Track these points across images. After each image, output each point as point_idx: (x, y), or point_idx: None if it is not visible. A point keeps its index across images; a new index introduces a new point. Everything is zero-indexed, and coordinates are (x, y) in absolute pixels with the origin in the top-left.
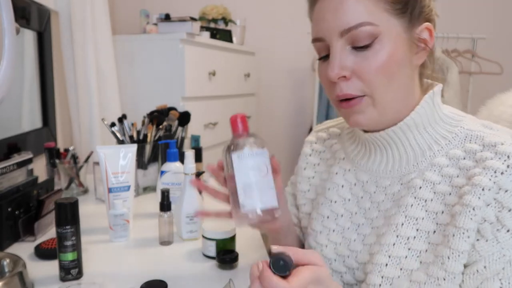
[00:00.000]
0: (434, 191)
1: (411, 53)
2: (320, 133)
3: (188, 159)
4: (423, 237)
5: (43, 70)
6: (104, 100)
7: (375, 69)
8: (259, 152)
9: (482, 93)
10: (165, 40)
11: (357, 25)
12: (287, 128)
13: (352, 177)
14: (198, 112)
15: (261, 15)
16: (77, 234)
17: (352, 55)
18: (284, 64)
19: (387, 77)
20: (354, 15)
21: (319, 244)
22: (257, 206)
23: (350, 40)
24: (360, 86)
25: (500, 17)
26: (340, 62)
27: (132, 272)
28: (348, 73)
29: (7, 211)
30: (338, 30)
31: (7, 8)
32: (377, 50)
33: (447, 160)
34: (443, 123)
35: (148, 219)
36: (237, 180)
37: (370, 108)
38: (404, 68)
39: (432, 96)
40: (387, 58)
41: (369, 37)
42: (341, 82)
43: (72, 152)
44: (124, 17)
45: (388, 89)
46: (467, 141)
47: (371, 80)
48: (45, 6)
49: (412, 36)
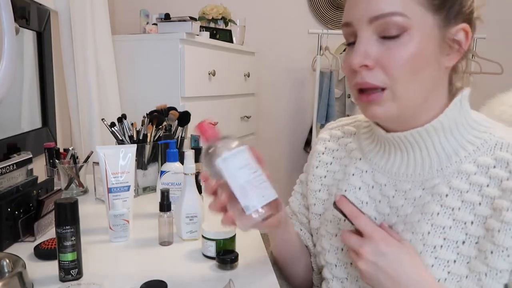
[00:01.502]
0: (462, 200)
1: (441, 53)
2: (334, 131)
3: (188, 159)
4: (451, 247)
5: (43, 70)
6: (104, 100)
7: (399, 62)
8: (240, 149)
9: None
10: (165, 40)
11: (389, 14)
12: (287, 128)
13: (369, 179)
14: (198, 112)
15: (261, 15)
16: (77, 234)
17: (378, 44)
18: (284, 64)
19: (410, 72)
20: (387, 2)
21: (328, 263)
22: (259, 204)
23: (378, 28)
24: (382, 77)
25: (500, 17)
26: (365, 50)
27: (132, 272)
28: (371, 62)
29: (7, 211)
30: (368, 17)
31: (7, 8)
32: (405, 43)
33: (475, 168)
34: (471, 128)
35: (148, 219)
36: (231, 184)
37: (389, 102)
38: (430, 67)
39: (461, 100)
40: (413, 52)
41: (398, 28)
42: (363, 71)
43: (72, 152)
44: (124, 17)
45: (410, 85)
46: (497, 148)
47: (394, 73)
48: (44, 6)
49: (445, 36)
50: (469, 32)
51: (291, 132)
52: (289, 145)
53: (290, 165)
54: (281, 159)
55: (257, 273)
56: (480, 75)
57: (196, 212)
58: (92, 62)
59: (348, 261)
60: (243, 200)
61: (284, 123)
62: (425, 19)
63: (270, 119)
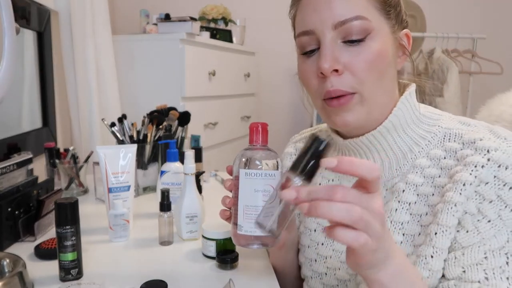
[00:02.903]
0: (417, 193)
1: (395, 55)
2: (298, 144)
3: (188, 159)
4: (409, 241)
5: (43, 70)
6: (104, 100)
7: (367, 65)
8: (270, 173)
9: (482, 93)
10: (165, 40)
11: (353, 18)
12: (287, 128)
13: None
14: (198, 112)
15: (261, 15)
16: (77, 234)
17: (344, 49)
18: (284, 64)
19: (377, 74)
20: (349, 8)
21: (308, 259)
22: (254, 233)
23: (342, 33)
24: (351, 82)
25: (500, 17)
26: (333, 55)
27: (132, 272)
28: (340, 67)
29: (7, 211)
30: (331, 22)
31: (7, 8)
32: (370, 46)
33: (428, 161)
34: (421, 123)
35: (148, 219)
36: (240, 197)
37: (358, 107)
38: (390, 68)
39: (408, 97)
40: (378, 54)
41: (362, 32)
42: (333, 77)
43: (72, 152)
44: (124, 17)
45: (377, 87)
46: (446, 140)
47: (363, 76)
48: (45, 6)
49: (396, 40)
50: (410, 38)
51: (291, 132)
52: None
53: None
54: None
55: (257, 273)
56: (480, 75)
57: (196, 212)
58: (92, 62)
59: (327, 255)
60: (239, 218)
61: (284, 123)
62: (382, 22)
63: (270, 119)
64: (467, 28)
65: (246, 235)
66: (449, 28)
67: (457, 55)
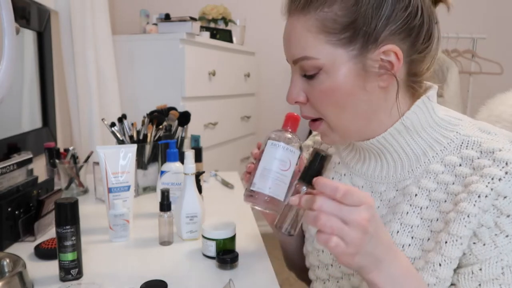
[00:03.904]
0: (429, 199)
1: (364, 81)
2: (317, 137)
3: (188, 159)
4: (417, 245)
5: (43, 70)
6: (104, 100)
7: (320, 99)
8: (292, 149)
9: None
10: (165, 40)
11: (299, 59)
12: None
13: (347, 181)
14: (198, 112)
15: (261, 15)
16: (77, 234)
17: (304, 82)
18: (284, 64)
19: (334, 107)
20: (297, 49)
21: (315, 249)
22: (266, 191)
23: (300, 69)
24: (313, 110)
25: (500, 17)
26: (295, 88)
27: (132, 272)
28: (303, 98)
29: (7, 211)
30: (290, 59)
31: (7, 8)
32: (321, 81)
33: (443, 167)
34: (438, 127)
35: (148, 219)
36: (261, 162)
37: (329, 131)
38: (354, 97)
39: (425, 100)
40: (331, 89)
41: (313, 69)
42: (301, 105)
43: (72, 152)
44: (124, 17)
45: (339, 117)
46: (464, 147)
47: (319, 108)
48: (45, 6)
49: (366, 64)
50: (397, 52)
51: None
52: None
53: None
54: None
55: (257, 273)
56: (480, 75)
57: (196, 212)
58: (92, 62)
59: (328, 262)
60: (256, 178)
61: None
62: (336, 55)
63: (270, 119)
64: (467, 28)
65: (256, 191)
66: (449, 28)
67: (457, 55)
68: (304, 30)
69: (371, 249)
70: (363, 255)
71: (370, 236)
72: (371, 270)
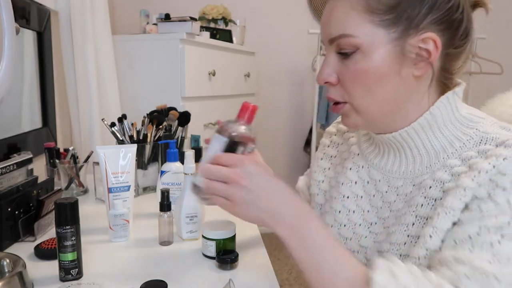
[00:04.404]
0: (443, 190)
1: (401, 65)
2: (341, 125)
3: (188, 159)
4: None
5: (43, 70)
6: (104, 100)
7: (352, 79)
8: (223, 139)
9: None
10: (165, 40)
11: (337, 37)
12: (287, 128)
13: (365, 174)
14: (198, 112)
15: (261, 15)
16: (77, 234)
17: (339, 61)
18: (284, 64)
19: (364, 89)
20: (336, 27)
21: (337, 223)
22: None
23: (337, 47)
24: (342, 93)
25: (500, 17)
26: (327, 67)
27: (132, 272)
28: (333, 79)
29: (7, 211)
30: (327, 38)
31: (7, 8)
32: (357, 61)
33: (459, 161)
34: (459, 124)
35: (148, 219)
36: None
37: (353, 114)
38: (388, 81)
39: (449, 96)
40: (365, 70)
41: (350, 47)
42: (329, 86)
43: (72, 152)
44: (124, 17)
45: (366, 100)
46: (482, 143)
47: (349, 89)
48: (45, 6)
49: (405, 48)
50: (437, 41)
51: (291, 132)
52: (289, 145)
53: (290, 165)
54: (281, 159)
55: (257, 273)
56: (480, 75)
57: (196, 212)
58: (92, 62)
59: (348, 236)
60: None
61: (284, 123)
62: (377, 35)
63: (270, 119)
64: None
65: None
66: None
67: None
68: (348, 8)
69: (263, 203)
70: (256, 209)
71: (248, 190)
72: (272, 225)
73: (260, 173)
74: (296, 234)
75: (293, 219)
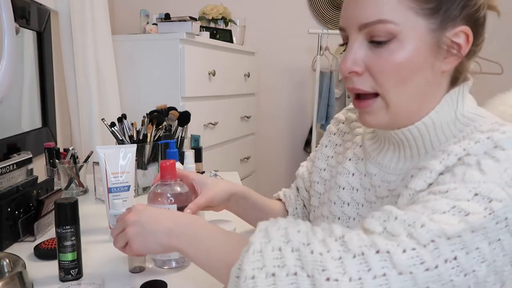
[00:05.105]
0: (424, 180)
1: (436, 58)
2: (350, 113)
3: (188, 159)
4: None
5: (43, 70)
6: (104, 100)
7: (386, 70)
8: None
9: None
10: (165, 40)
11: (375, 22)
12: (287, 128)
13: (362, 167)
14: (198, 112)
15: (261, 15)
16: (76, 234)
17: (368, 50)
18: (284, 64)
19: (398, 80)
20: (374, 10)
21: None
22: None
23: (368, 34)
24: (371, 83)
25: (500, 17)
26: (354, 56)
27: (132, 272)
28: (360, 68)
29: (7, 211)
30: (357, 23)
31: (7, 8)
32: (393, 50)
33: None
34: (459, 123)
35: None
36: None
37: (382, 111)
38: (422, 73)
39: (452, 94)
40: (401, 60)
41: (386, 35)
42: (353, 77)
43: (72, 152)
44: (124, 17)
45: (399, 92)
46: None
47: (381, 80)
48: (45, 6)
49: (441, 40)
50: (469, 34)
51: (291, 132)
52: (289, 145)
53: (290, 165)
54: (281, 159)
55: None
56: (480, 75)
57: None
58: (92, 62)
59: (352, 216)
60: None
61: (284, 123)
62: (416, 24)
63: (270, 119)
64: None
65: None
66: None
67: None
68: None
69: (155, 227)
70: (152, 236)
71: (139, 223)
72: (170, 242)
73: (148, 207)
74: (192, 240)
75: (186, 229)
